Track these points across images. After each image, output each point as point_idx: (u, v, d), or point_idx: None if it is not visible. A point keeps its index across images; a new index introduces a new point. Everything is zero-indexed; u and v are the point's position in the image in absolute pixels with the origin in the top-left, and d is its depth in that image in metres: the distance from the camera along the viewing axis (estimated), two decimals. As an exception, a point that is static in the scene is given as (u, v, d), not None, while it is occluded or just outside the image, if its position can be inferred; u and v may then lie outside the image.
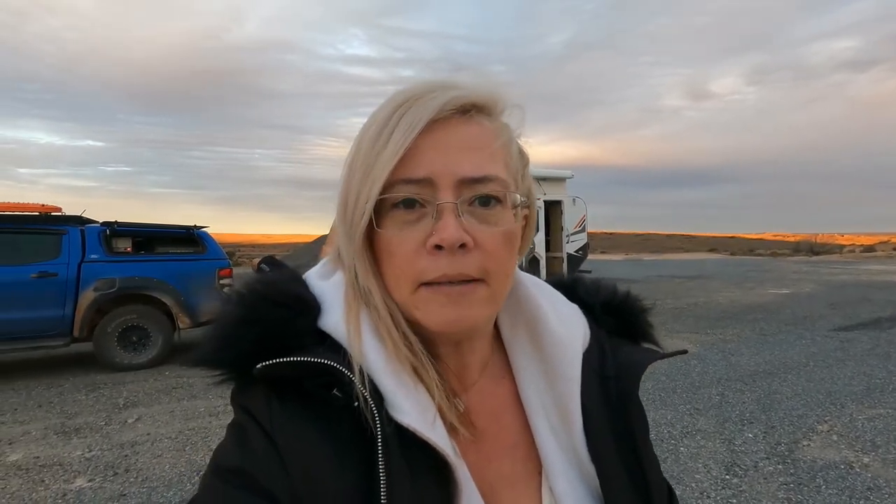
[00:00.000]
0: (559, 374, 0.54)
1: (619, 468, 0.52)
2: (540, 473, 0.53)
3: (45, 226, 5.85)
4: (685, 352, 0.65)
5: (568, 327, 0.56)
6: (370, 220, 0.46)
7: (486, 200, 0.46)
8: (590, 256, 13.31)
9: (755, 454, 3.45)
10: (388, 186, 0.45)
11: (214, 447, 0.49)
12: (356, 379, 0.44)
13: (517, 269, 0.55)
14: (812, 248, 36.07)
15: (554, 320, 0.55)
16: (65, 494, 3.04)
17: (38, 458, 3.56)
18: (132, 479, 3.22)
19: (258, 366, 0.45)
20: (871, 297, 10.95)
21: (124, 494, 3.03)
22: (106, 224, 6.21)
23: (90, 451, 3.66)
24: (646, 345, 0.63)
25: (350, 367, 0.45)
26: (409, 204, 0.46)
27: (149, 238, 6.69)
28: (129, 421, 4.26)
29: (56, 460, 3.51)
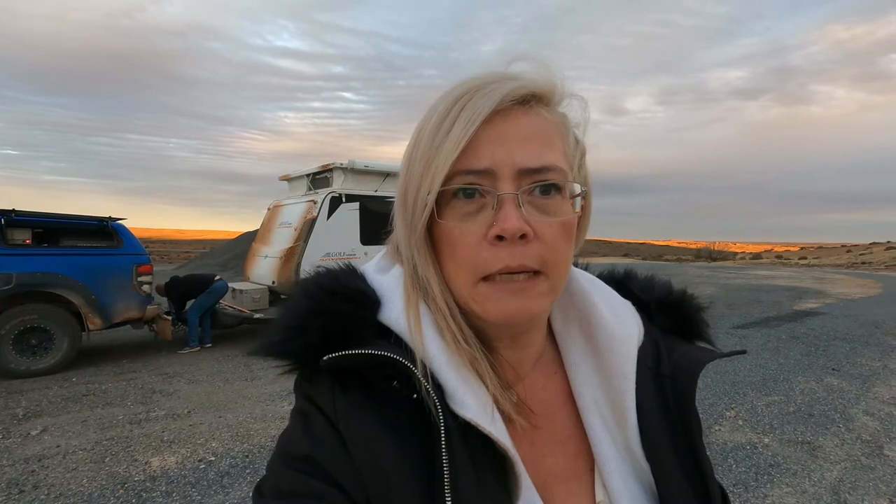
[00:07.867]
0: (613, 370, 0.53)
1: (675, 468, 0.51)
2: (592, 470, 0.52)
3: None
4: (744, 352, 0.64)
5: (622, 323, 0.55)
6: (431, 212, 0.46)
7: (546, 189, 0.46)
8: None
9: (676, 440, 3.78)
10: (449, 178, 0.45)
11: (138, 458, 0.47)
12: (419, 372, 0.45)
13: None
14: (711, 255, 39.93)
15: (608, 315, 0.55)
16: (-42, 518, 2.67)
17: (-82, 478, 3.09)
18: (43, 497, 2.88)
19: (325, 357, 0.45)
20: (761, 299, 12.34)
21: (35, 513, 2.72)
22: (1, 213, 5.51)
23: (-14, 467, 3.24)
24: (701, 344, 0.61)
25: (413, 360, 0.45)
26: (470, 195, 0.45)
27: (54, 230, 5.99)
28: (33, 433, 3.81)
29: (-57, 480, 3.07)
